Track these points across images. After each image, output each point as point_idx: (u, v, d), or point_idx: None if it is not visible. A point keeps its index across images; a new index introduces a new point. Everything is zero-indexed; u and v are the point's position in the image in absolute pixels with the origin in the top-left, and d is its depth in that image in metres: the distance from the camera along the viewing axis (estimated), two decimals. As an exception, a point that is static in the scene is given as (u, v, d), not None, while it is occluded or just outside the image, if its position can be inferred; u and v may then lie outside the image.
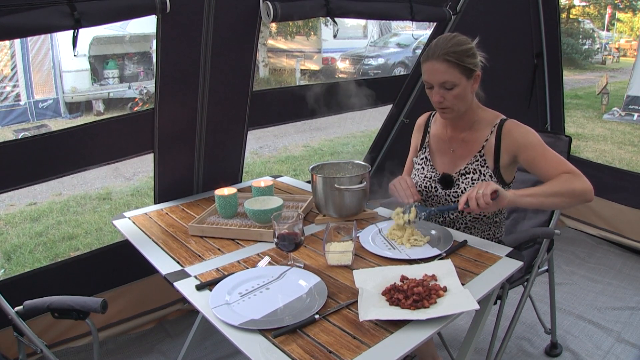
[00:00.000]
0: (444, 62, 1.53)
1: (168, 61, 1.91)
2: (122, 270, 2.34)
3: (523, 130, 1.62)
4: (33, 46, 8.21)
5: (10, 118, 8.13)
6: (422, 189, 1.77)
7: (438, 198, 1.73)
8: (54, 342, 2.21)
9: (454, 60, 1.53)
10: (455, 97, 1.57)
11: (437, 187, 1.73)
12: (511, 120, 1.66)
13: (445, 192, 1.71)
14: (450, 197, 1.70)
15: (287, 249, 1.41)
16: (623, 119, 7.99)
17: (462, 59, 1.53)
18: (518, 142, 1.60)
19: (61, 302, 1.45)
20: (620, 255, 3.11)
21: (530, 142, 1.59)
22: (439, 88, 1.58)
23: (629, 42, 16.79)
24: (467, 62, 1.54)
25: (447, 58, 1.53)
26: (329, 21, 2.16)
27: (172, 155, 2.16)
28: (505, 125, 1.64)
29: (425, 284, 1.23)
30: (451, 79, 1.55)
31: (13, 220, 4.46)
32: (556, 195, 1.50)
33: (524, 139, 1.60)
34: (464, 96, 1.59)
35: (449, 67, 1.53)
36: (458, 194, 1.67)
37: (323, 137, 7.30)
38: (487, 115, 1.69)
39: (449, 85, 1.56)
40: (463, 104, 1.61)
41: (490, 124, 1.67)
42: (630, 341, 2.28)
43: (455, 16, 2.64)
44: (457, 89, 1.56)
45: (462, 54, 1.53)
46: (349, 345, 1.05)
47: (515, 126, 1.63)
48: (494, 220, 1.74)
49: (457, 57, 1.53)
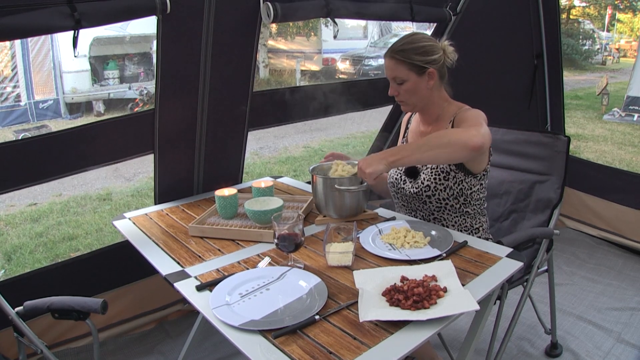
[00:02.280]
0: (392, 59, 1.67)
1: (168, 62, 1.91)
2: (122, 270, 2.34)
3: (468, 112, 1.67)
4: (33, 47, 8.22)
5: (11, 119, 8.14)
6: (393, 180, 1.86)
7: (404, 190, 1.81)
8: (54, 342, 2.21)
9: (401, 57, 1.65)
10: (407, 92, 1.69)
11: (405, 179, 1.80)
12: (467, 109, 1.71)
13: (411, 184, 1.77)
14: (413, 189, 1.77)
15: (288, 249, 1.41)
16: (623, 120, 7.99)
17: (409, 57, 1.64)
18: (459, 123, 1.65)
19: (61, 302, 1.45)
20: (621, 256, 3.11)
21: (466, 118, 1.63)
22: (392, 82, 1.71)
23: (629, 42, 16.77)
24: (416, 60, 1.64)
25: (394, 56, 1.66)
26: (329, 22, 2.16)
27: (172, 156, 2.16)
28: (458, 114, 1.69)
29: (425, 285, 1.23)
30: (399, 74, 1.67)
31: (13, 221, 4.47)
32: (431, 148, 1.49)
33: (462, 117, 1.65)
34: (415, 91, 1.68)
35: (397, 64, 1.66)
36: (419, 184, 1.74)
37: (323, 138, 7.30)
38: (452, 108, 1.75)
39: (399, 81, 1.68)
40: (416, 98, 1.71)
41: (452, 115, 1.72)
42: (630, 342, 2.28)
43: (455, 17, 2.64)
44: (407, 84, 1.67)
45: (410, 52, 1.64)
46: (349, 346, 1.05)
47: (465, 111, 1.68)
48: (463, 210, 1.76)
49: (404, 55, 1.64)
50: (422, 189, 1.74)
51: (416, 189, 1.76)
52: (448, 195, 1.72)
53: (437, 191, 1.71)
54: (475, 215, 1.80)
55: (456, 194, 1.72)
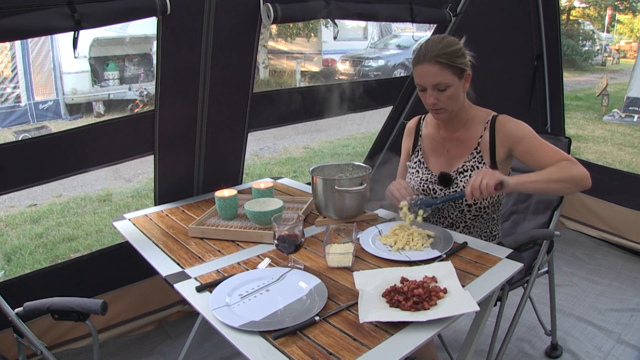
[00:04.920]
0: (436, 64, 1.56)
1: (168, 63, 1.91)
2: (122, 271, 2.34)
3: (516, 123, 1.65)
4: (33, 48, 8.23)
5: (11, 119, 8.14)
6: (420, 192, 1.77)
7: (437, 199, 1.74)
8: (54, 343, 2.21)
9: (446, 61, 1.55)
10: (449, 98, 1.60)
11: (435, 189, 1.74)
12: (503, 115, 1.69)
13: (444, 193, 1.71)
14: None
15: (288, 250, 1.41)
16: (623, 121, 7.99)
17: (453, 60, 1.56)
18: (513, 134, 1.63)
19: (61, 303, 1.45)
20: (621, 257, 3.11)
21: (525, 134, 1.62)
22: (433, 90, 1.60)
23: (629, 43, 16.79)
24: (458, 63, 1.58)
25: (439, 60, 1.55)
26: (329, 23, 2.16)
27: (172, 157, 2.16)
28: (498, 120, 1.67)
29: (425, 286, 1.23)
30: (444, 80, 1.57)
31: (13, 222, 4.47)
32: (556, 181, 1.51)
33: (518, 131, 1.63)
34: (457, 96, 1.62)
35: (442, 69, 1.56)
36: (458, 192, 1.68)
37: (323, 139, 7.30)
38: (479, 112, 1.73)
39: (443, 87, 1.58)
40: (456, 104, 1.64)
41: (483, 120, 1.70)
42: (630, 343, 2.28)
43: (455, 18, 2.64)
44: (450, 90, 1.59)
45: (452, 55, 1.57)
46: (349, 347, 1.05)
47: (508, 120, 1.67)
48: (492, 217, 1.76)
49: (448, 58, 1.56)
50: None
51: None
52: (488, 204, 1.70)
53: (478, 200, 1.67)
54: (498, 221, 1.80)
55: (494, 202, 1.71)
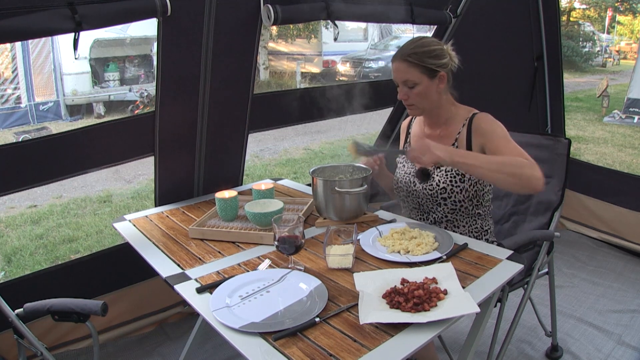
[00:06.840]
0: (404, 62, 1.66)
1: (169, 64, 1.91)
2: (122, 273, 2.34)
3: (491, 122, 1.68)
4: (34, 49, 8.24)
5: (11, 120, 8.15)
6: (403, 184, 1.85)
7: (417, 192, 1.79)
8: (54, 344, 2.21)
9: (414, 60, 1.64)
10: (418, 95, 1.68)
11: (414, 182, 1.79)
12: (482, 113, 1.72)
13: (422, 186, 1.76)
14: (427, 190, 1.75)
15: (288, 251, 1.41)
16: (623, 122, 7.99)
17: (423, 60, 1.64)
18: (486, 133, 1.66)
19: (61, 304, 1.45)
20: (621, 258, 3.11)
21: (497, 134, 1.64)
22: (403, 86, 1.70)
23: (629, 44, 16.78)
24: (429, 63, 1.64)
25: (407, 59, 1.65)
26: (330, 24, 2.16)
27: (172, 158, 2.16)
28: (476, 117, 1.70)
29: (425, 287, 1.23)
30: (411, 78, 1.66)
31: (13, 223, 4.47)
32: (500, 171, 1.49)
33: (491, 130, 1.66)
34: (426, 94, 1.68)
35: (409, 67, 1.65)
36: (434, 186, 1.73)
37: (323, 140, 7.30)
38: (461, 111, 1.76)
39: (411, 84, 1.67)
40: (427, 102, 1.70)
41: (463, 118, 1.73)
42: (631, 344, 2.28)
43: (455, 19, 2.64)
44: (418, 87, 1.67)
45: (423, 55, 1.64)
46: (350, 349, 1.05)
47: (485, 118, 1.70)
48: (475, 212, 1.77)
49: (418, 58, 1.64)
50: (437, 191, 1.72)
51: (431, 190, 1.74)
52: (464, 197, 1.71)
53: (453, 193, 1.71)
54: (485, 217, 1.81)
55: (471, 196, 1.72)
